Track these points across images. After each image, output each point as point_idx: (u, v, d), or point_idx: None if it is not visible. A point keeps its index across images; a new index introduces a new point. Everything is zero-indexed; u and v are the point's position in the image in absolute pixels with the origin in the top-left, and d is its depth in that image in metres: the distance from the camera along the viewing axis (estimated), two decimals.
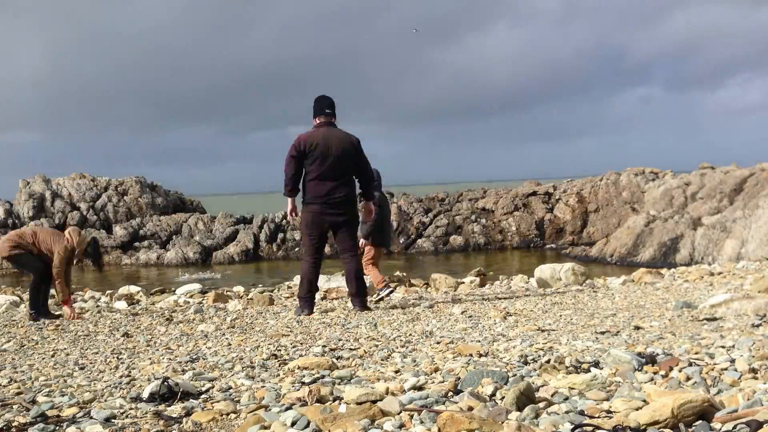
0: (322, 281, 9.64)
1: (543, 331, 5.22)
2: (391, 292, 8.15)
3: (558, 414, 2.41)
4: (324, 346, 4.91)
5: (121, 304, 9.48)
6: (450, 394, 2.95)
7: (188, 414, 2.95)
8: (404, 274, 11.34)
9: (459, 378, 3.31)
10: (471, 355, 4.20)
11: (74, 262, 7.57)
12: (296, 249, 24.43)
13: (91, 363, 4.67)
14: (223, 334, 5.89)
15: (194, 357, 4.70)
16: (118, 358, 4.85)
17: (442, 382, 3.32)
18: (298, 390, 3.29)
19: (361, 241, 7.74)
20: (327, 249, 7.38)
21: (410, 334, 5.39)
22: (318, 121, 6.70)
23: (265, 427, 2.57)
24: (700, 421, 2.14)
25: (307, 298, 6.69)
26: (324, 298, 9.10)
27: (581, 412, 2.42)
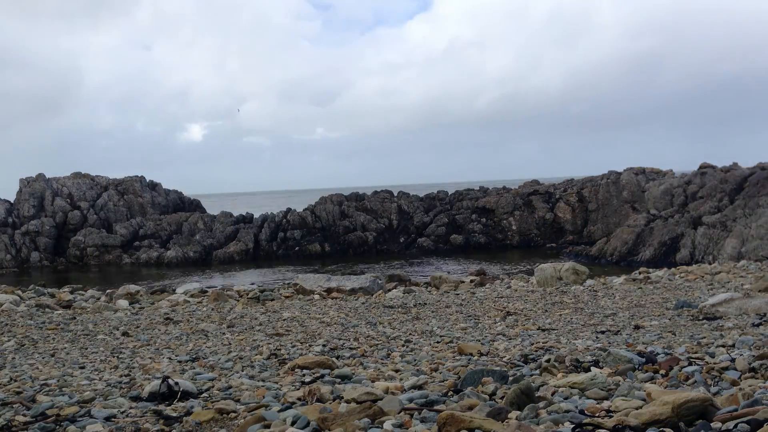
0: (322, 281, 9.62)
1: (543, 330, 5.22)
2: None
3: (558, 413, 2.40)
4: (324, 346, 4.92)
5: (122, 303, 9.48)
6: (450, 393, 2.95)
7: (188, 413, 2.95)
8: (405, 272, 11.33)
9: (459, 377, 3.32)
10: (471, 354, 4.20)
11: None
12: (296, 248, 24.41)
13: (91, 362, 4.67)
14: (223, 333, 5.89)
15: (194, 356, 4.70)
16: (118, 357, 4.85)
17: (443, 381, 3.33)
18: (298, 389, 3.29)
19: None
20: (327, 248, 7.35)
21: (410, 334, 5.39)
22: None
23: (265, 426, 2.57)
24: (701, 420, 2.14)
25: None
26: (324, 297, 9.10)
27: (581, 411, 2.42)
